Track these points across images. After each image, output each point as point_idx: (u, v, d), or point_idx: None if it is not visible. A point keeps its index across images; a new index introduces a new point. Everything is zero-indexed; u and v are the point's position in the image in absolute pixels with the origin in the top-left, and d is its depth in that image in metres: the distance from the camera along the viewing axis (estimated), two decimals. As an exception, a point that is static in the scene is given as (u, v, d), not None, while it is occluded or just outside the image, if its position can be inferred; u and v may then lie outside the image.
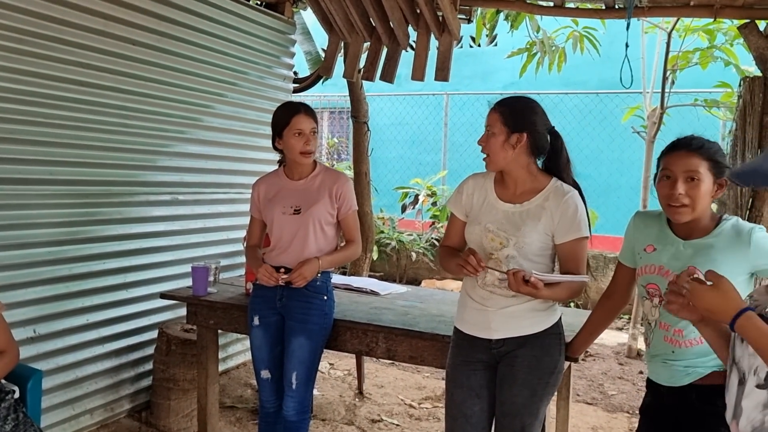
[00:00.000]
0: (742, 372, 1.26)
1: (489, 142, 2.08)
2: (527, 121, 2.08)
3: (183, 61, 3.67)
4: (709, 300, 1.24)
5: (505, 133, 2.06)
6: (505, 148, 2.06)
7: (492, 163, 2.10)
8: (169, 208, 3.71)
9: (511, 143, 2.06)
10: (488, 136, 2.08)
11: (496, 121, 2.07)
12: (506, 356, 2.10)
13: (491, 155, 2.09)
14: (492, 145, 2.07)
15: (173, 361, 3.42)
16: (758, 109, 3.21)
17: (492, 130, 2.07)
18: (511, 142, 2.06)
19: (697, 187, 1.77)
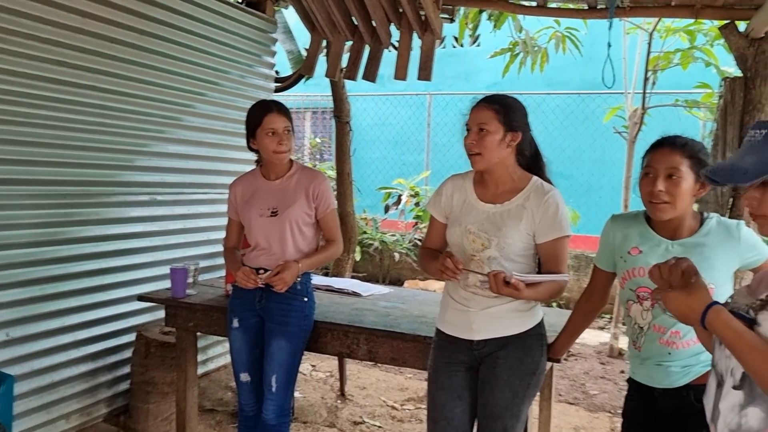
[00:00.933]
0: (720, 374, 1.26)
1: (485, 140, 2.01)
2: (522, 120, 2.07)
3: (163, 59, 3.61)
4: (678, 303, 1.23)
5: (501, 132, 2.02)
6: (501, 146, 2.03)
7: (484, 161, 2.03)
8: (148, 208, 3.65)
9: (507, 142, 2.04)
10: (483, 134, 2.01)
11: (491, 119, 2.02)
12: (488, 357, 2.08)
13: (485, 153, 2.02)
14: (488, 143, 2.01)
15: (152, 364, 3.36)
16: (739, 109, 3.23)
17: (487, 128, 2.01)
18: (506, 140, 2.04)
19: (678, 185, 1.77)
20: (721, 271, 1.79)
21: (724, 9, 3.26)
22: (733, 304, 1.28)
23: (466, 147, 2.05)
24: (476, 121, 2.03)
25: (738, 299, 1.29)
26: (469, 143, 2.03)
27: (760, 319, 1.15)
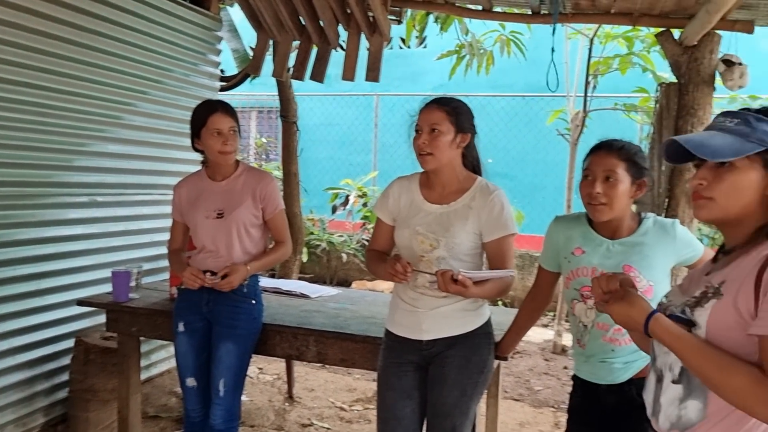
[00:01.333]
0: (659, 370, 1.30)
1: (437, 141, 2.03)
2: (470, 123, 2.11)
3: (103, 56, 3.50)
4: (621, 312, 1.27)
5: (452, 133, 2.05)
6: (451, 147, 2.06)
7: (435, 161, 2.05)
8: (88, 210, 3.53)
9: (457, 143, 2.07)
10: (435, 135, 2.03)
11: (443, 120, 2.04)
12: (437, 357, 2.11)
13: (437, 153, 2.04)
14: (440, 143, 2.03)
15: (92, 371, 3.25)
16: (673, 114, 3.36)
17: (439, 128, 2.03)
18: (456, 141, 2.07)
19: (615, 187, 1.84)
20: (658, 269, 1.87)
21: (660, 17, 3.39)
22: (668, 304, 1.33)
23: (416, 147, 2.06)
24: (428, 121, 2.05)
25: (673, 299, 1.34)
26: (421, 143, 2.04)
27: (696, 316, 1.20)
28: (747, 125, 1.22)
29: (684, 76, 3.32)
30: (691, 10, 3.21)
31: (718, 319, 1.17)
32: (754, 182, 1.21)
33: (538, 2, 3.44)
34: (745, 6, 3.05)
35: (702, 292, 1.23)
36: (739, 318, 1.14)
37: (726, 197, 1.22)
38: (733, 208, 1.23)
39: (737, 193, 1.22)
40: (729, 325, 1.16)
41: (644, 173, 1.89)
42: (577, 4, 3.38)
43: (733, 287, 1.17)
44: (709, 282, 1.23)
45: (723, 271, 1.24)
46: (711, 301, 1.19)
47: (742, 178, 1.21)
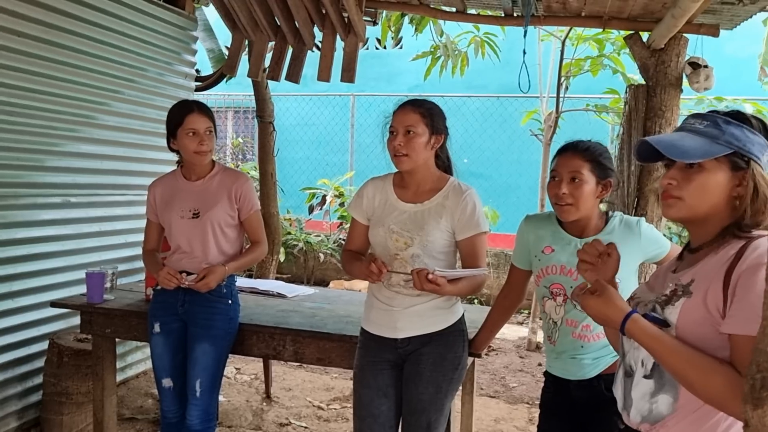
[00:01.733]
0: (629, 365, 1.34)
1: (413, 142, 2.07)
2: (443, 124, 2.16)
3: (74, 55, 3.47)
4: (597, 309, 1.30)
5: (427, 134, 2.09)
6: (426, 148, 2.11)
7: (411, 162, 2.09)
8: (61, 211, 3.50)
9: (431, 144, 2.12)
10: (410, 137, 2.07)
11: (418, 122, 2.08)
12: (412, 355, 2.14)
13: (412, 155, 2.08)
14: (416, 145, 2.07)
15: (66, 373, 3.22)
16: (642, 115, 3.44)
17: (415, 130, 2.07)
18: (431, 142, 2.11)
19: (580, 187, 1.90)
20: (625, 266, 1.91)
21: (628, 21, 3.46)
22: (638, 300, 1.37)
23: (391, 148, 2.10)
24: (403, 123, 2.09)
25: (641, 295, 1.37)
26: (396, 145, 2.08)
27: (667, 314, 1.24)
28: (716, 128, 1.26)
29: (652, 78, 3.39)
30: (658, 14, 3.28)
31: (688, 316, 1.21)
32: (721, 183, 1.25)
33: (510, 5, 3.49)
34: (710, 10, 3.13)
35: (672, 290, 1.26)
36: (708, 315, 1.18)
37: (694, 197, 1.26)
38: (700, 207, 1.26)
39: (705, 194, 1.25)
40: (698, 323, 1.20)
41: (609, 174, 1.95)
42: (548, 6, 3.44)
43: (702, 286, 1.21)
44: (678, 280, 1.27)
45: (691, 269, 1.27)
46: (681, 299, 1.23)
47: (710, 178, 1.25)
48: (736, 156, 1.24)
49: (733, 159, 1.24)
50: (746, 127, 1.26)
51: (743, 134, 1.25)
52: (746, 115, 1.29)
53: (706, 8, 3.00)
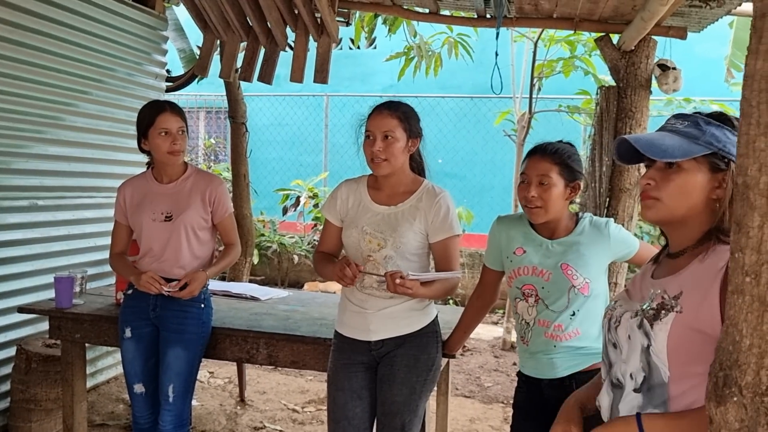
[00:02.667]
0: (616, 378, 1.31)
1: (392, 147, 2.06)
2: (419, 127, 2.16)
3: (40, 54, 3.40)
4: None
5: (405, 138, 2.10)
6: (404, 152, 2.11)
7: (390, 166, 2.09)
8: (28, 214, 3.42)
9: (408, 147, 2.12)
10: (389, 141, 2.06)
11: (396, 126, 2.08)
12: (386, 357, 2.14)
13: (392, 160, 2.07)
14: (395, 149, 2.07)
15: (34, 379, 3.16)
16: (613, 116, 3.48)
17: (393, 135, 2.07)
18: (408, 146, 2.12)
19: (549, 190, 1.92)
20: (594, 266, 1.95)
21: (599, 23, 3.50)
22: (617, 308, 1.33)
23: (369, 153, 2.09)
24: (381, 128, 2.08)
25: (622, 304, 1.34)
26: (376, 150, 2.06)
27: (657, 330, 1.20)
28: (696, 128, 1.24)
29: (622, 79, 3.43)
30: (628, 17, 3.32)
31: (679, 334, 1.17)
32: (700, 184, 1.22)
33: (483, 6, 3.51)
34: (678, 13, 3.18)
35: (659, 303, 1.22)
36: (703, 334, 1.15)
37: (672, 198, 1.23)
38: (679, 209, 1.24)
39: (683, 195, 1.23)
40: (690, 339, 1.16)
41: (578, 176, 1.97)
42: (520, 8, 3.46)
43: (692, 301, 1.17)
44: (665, 291, 1.23)
45: (676, 278, 1.23)
46: (670, 314, 1.19)
47: (688, 179, 1.22)
48: (715, 157, 1.22)
49: (712, 160, 1.22)
50: (727, 128, 1.24)
51: (724, 135, 1.23)
52: (728, 117, 1.27)
53: (674, 11, 3.05)
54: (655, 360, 1.21)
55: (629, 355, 1.26)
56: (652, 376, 1.22)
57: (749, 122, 0.92)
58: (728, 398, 0.92)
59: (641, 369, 1.24)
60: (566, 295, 1.92)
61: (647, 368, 1.23)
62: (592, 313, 1.94)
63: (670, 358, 1.19)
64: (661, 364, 1.20)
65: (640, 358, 1.23)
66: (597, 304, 1.95)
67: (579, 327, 1.93)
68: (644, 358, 1.23)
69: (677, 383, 1.19)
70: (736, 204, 0.95)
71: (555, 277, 1.94)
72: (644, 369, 1.23)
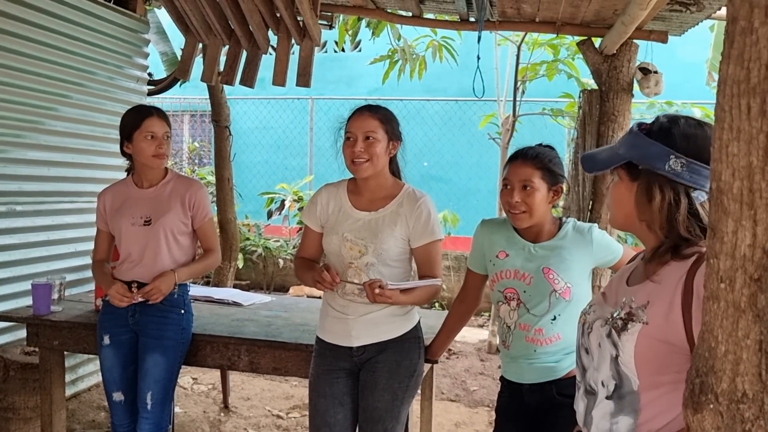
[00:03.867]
0: (589, 385, 1.31)
1: (373, 148, 2.05)
2: (399, 130, 2.15)
3: (20, 58, 3.35)
4: None
5: (386, 140, 2.09)
6: (385, 154, 2.10)
7: (371, 168, 2.07)
8: (6, 220, 3.37)
9: (389, 150, 2.11)
10: (370, 143, 2.05)
11: (377, 128, 2.07)
12: (367, 363, 2.12)
13: (374, 161, 2.06)
14: (377, 151, 2.06)
15: (12, 388, 3.11)
16: (596, 119, 3.49)
17: (375, 136, 2.05)
18: (389, 148, 2.11)
19: (532, 195, 1.92)
20: (577, 271, 1.95)
21: (581, 26, 3.52)
22: (591, 313, 1.33)
23: (350, 154, 2.07)
24: (362, 129, 2.06)
25: (597, 308, 1.34)
26: (357, 151, 2.05)
27: (624, 341, 1.19)
28: (624, 137, 1.27)
29: (605, 83, 3.45)
30: (609, 21, 3.34)
31: (645, 344, 1.17)
32: (623, 193, 1.25)
33: (465, 9, 3.51)
34: (659, 17, 3.20)
35: (627, 312, 1.21)
36: (669, 345, 1.14)
37: (612, 206, 1.29)
38: (618, 217, 1.29)
39: (616, 203, 1.27)
40: (657, 350, 1.16)
41: (560, 179, 1.97)
42: (503, 12, 3.46)
43: (657, 312, 1.16)
44: (633, 301, 1.22)
45: (644, 288, 1.22)
46: (636, 325, 1.18)
47: (616, 188, 1.27)
48: (632, 166, 1.23)
49: (629, 169, 1.23)
50: (643, 136, 1.22)
51: (636, 143, 1.22)
52: (651, 123, 1.24)
53: (655, 15, 3.07)
54: (624, 369, 1.21)
55: (600, 363, 1.26)
56: (622, 384, 1.22)
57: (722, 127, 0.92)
58: (705, 405, 0.91)
59: (611, 377, 1.23)
60: (547, 300, 1.92)
61: (617, 377, 1.22)
62: (574, 318, 1.92)
63: (638, 368, 1.19)
64: (630, 374, 1.20)
65: (610, 367, 1.23)
66: (579, 309, 1.94)
67: (560, 332, 1.93)
68: (614, 368, 1.23)
69: (647, 392, 1.19)
70: (710, 209, 0.94)
71: (536, 281, 1.93)
72: (614, 377, 1.23)
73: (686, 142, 1.18)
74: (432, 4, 3.58)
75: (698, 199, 1.17)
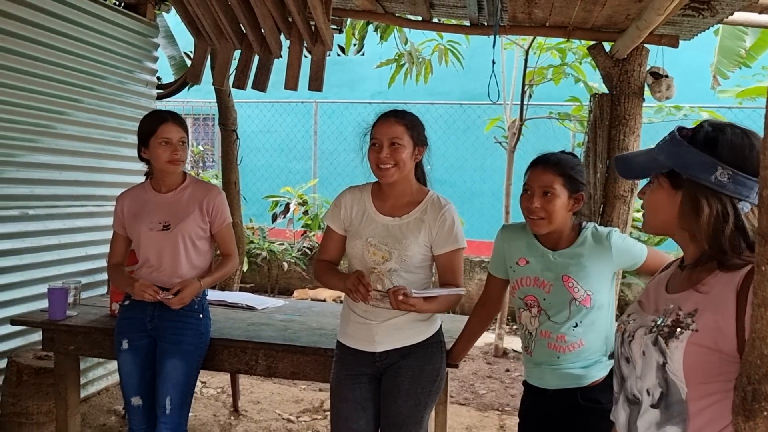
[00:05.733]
0: (631, 392, 1.29)
1: (399, 154, 2.05)
2: (425, 135, 2.15)
3: (31, 62, 3.35)
4: None
5: (411, 146, 2.09)
6: (411, 160, 2.10)
7: (398, 173, 2.07)
8: (18, 224, 3.37)
9: (415, 155, 2.11)
10: (396, 148, 2.05)
11: (403, 134, 2.07)
12: (390, 368, 2.12)
13: (400, 166, 2.06)
14: (403, 157, 2.06)
15: (25, 392, 3.11)
16: (606, 123, 3.50)
17: (400, 142, 2.06)
18: (414, 154, 2.11)
19: (552, 202, 1.91)
20: (596, 278, 1.94)
21: (592, 31, 3.53)
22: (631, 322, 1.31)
23: (376, 160, 2.07)
24: (388, 135, 2.07)
25: (636, 317, 1.32)
26: (383, 157, 2.05)
27: (672, 347, 1.18)
28: (665, 143, 1.25)
29: (616, 87, 3.45)
30: (621, 25, 3.35)
31: (695, 352, 1.16)
32: (662, 201, 1.24)
33: (476, 14, 3.52)
34: (670, 22, 3.21)
35: (674, 320, 1.20)
36: (720, 353, 1.14)
37: (648, 212, 1.28)
38: (654, 223, 1.27)
39: (653, 210, 1.27)
40: (707, 358, 1.15)
41: (581, 187, 1.97)
42: (514, 16, 3.47)
43: (708, 320, 1.15)
44: (679, 307, 1.21)
45: (691, 295, 1.20)
46: (685, 333, 1.17)
47: (653, 195, 1.26)
48: (675, 174, 1.22)
49: (672, 177, 1.22)
50: (686, 144, 1.20)
51: (679, 151, 1.21)
52: (694, 130, 1.23)
53: (666, 20, 3.08)
54: (672, 377, 1.19)
55: (644, 371, 1.24)
56: (669, 392, 1.20)
57: (771, 136, 0.93)
58: (758, 413, 0.92)
59: (658, 385, 1.22)
60: (568, 308, 1.91)
61: (664, 385, 1.21)
62: (597, 325, 1.93)
63: (687, 376, 1.17)
64: (679, 382, 1.19)
65: (656, 375, 1.22)
66: (601, 315, 1.95)
67: (582, 338, 1.92)
68: (660, 375, 1.21)
69: (696, 401, 1.18)
70: (760, 216, 0.95)
71: (556, 289, 1.93)
72: (661, 385, 1.21)
73: (732, 153, 1.16)
74: (442, 8, 3.59)
75: (743, 210, 1.17)
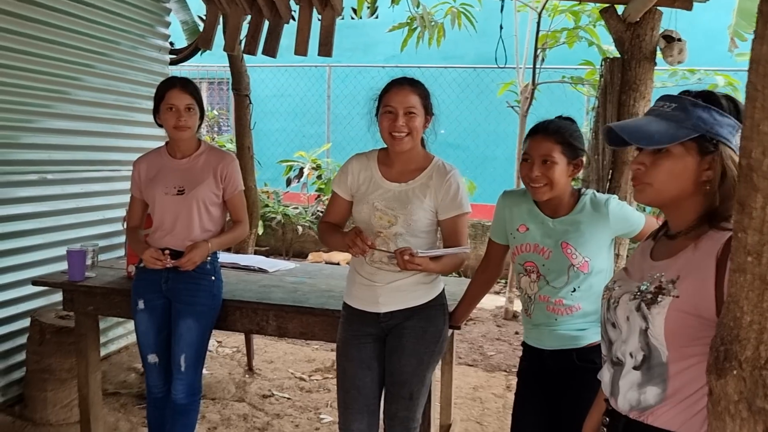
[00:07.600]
0: (616, 355, 1.35)
1: (414, 122, 2.10)
2: (432, 103, 2.19)
3: (46, 29, 3.40)
4: None
5: (422, 114, 2.14)
6: (422, 128, 2.15)
7: (411, 141, 2.12)
8: (37, 188, 3.47)
9: (425, 124, 2.17)
10: (411, 117, 2.09)
11: (418, 103, 2.11)
12: (394, 328, 2.19)
13: (414, 135, 2.12)
14: (418, 125, 2.11)
15: (48, 350, 3.23)
16: (617, 88, 3.47)
17: (415, 111, 2.10)
18: (425, 122, 2.16)
19: (552, 169, 1.94)
20: (593, 245, 1.98)
21: (605, -7, 3.48)
22: (616, 288, 1.36)
23: (391, 128, 2.09)
24: (404, 104, 2.10)
25: (622, 284, 1.36)
26: (399, 125, 2.09)
27: (654, 313, 1.22)
28: (683, 111, 1.24)
29: (627, 51, 3.42)
30: (634, -13, 3.31)
31: (675, 317, 1.20)
32: (688, 168, 1.23)
33: (488, -23, 3.50)
34: (684, -16, 3.17)
35: (656, 287, 1.24)
36: (699, 318, 1.18)
37: (662, 183, 1.25)
38: (668, 192, 1.25)
39: (672, 179, 1.24)
40: (687, 323, 1.20)
41: (580, 153, 2.00)
42: (526, -21, 3.45)
43: (688, 286, 1.20)
44: (662, 274, 1.25)
45: (674, 262, 1.25)
46: (666, 299, 1.21)
47: (676, 163, 1.23)
48: (704, 139, 1.22)
49: (700, 142, 1.22)
50: (715, 109, 1.23)
51: (711, 116, 1.23)
52: (716, 96, 1.26)
53: (680, -18, 3.04)
54: (654, 342, 1.25)
55: (628, 336, 1.30)
56: (651, 356, 1.26)
57: (754, 106, 0.95)
58: (728, 371, 0.97)
59: (640, 349, 1.27)
60: (566, 273, 1.96)
61: (646, 349, 1.26)
62: (594, 289, 1.98)
63: (667, 341, 1.22)
64: (660, 346, 1.24)
65: (639, 339, 1.27)
66: (599, 280, 1.99)
67: (580, 302, 1.97)
68: (643, 340, 1.26)
69: (676, 363, 1.23)
70: (739, 185, 0.98)
71: (555, 256, 1.98)
72: (643, 349, 1.27)
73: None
74: (454, -29, 3.57)
75: None
